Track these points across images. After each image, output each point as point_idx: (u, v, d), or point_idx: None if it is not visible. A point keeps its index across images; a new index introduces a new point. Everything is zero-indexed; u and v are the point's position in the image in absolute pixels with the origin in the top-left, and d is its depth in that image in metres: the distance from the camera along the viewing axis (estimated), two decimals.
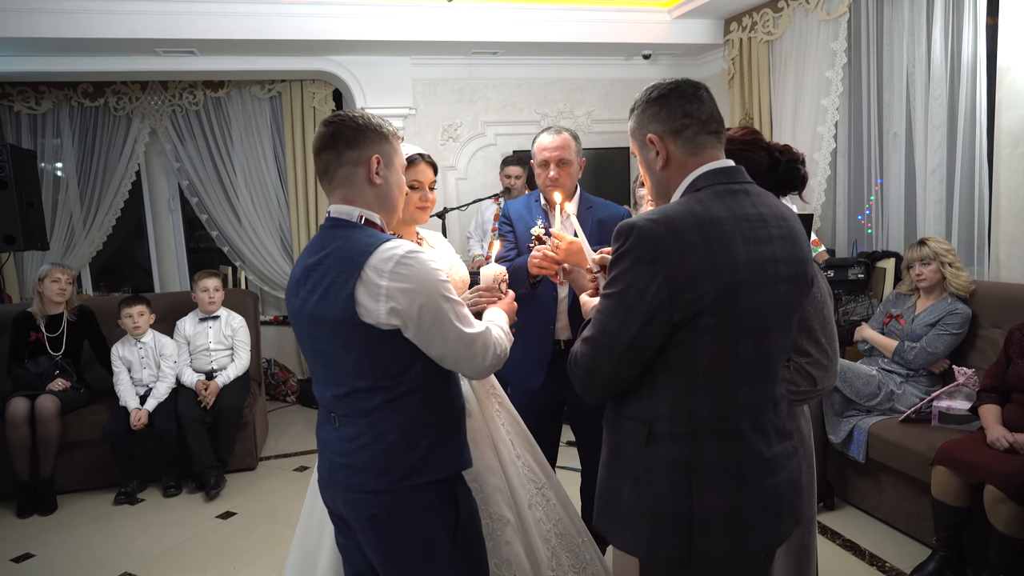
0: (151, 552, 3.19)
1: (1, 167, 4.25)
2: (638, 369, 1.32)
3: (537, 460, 2.19)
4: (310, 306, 1.51)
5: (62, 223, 5.31)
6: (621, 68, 5.69)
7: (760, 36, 4.79)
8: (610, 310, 1.30)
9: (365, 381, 1.49)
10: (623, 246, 1.28)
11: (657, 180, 1.43)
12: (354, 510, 1.55)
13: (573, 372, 1.39)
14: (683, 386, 1.30)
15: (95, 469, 3.87)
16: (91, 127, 5.32)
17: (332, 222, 1.56)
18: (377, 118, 1.60)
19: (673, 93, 1.39)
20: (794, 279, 1.37)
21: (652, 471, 1.33)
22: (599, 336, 1.32)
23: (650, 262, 1.25)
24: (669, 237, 1.25)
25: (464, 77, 5.45)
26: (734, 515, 1.32)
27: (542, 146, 2.45)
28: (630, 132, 1.47)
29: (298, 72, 5.23)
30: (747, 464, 1.34)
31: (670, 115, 1.38)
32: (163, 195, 5.76)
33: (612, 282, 1.31)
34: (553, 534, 2.10)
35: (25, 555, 3.22)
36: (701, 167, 1.37)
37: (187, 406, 3.87)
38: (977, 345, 3.18)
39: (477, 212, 4.98)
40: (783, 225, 1.37)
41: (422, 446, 1.51)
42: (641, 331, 1.27)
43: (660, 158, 1.39)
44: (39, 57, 4.62)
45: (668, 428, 1.32)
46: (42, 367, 3.91)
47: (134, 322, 3.96)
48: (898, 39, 3.97)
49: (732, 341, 1.30)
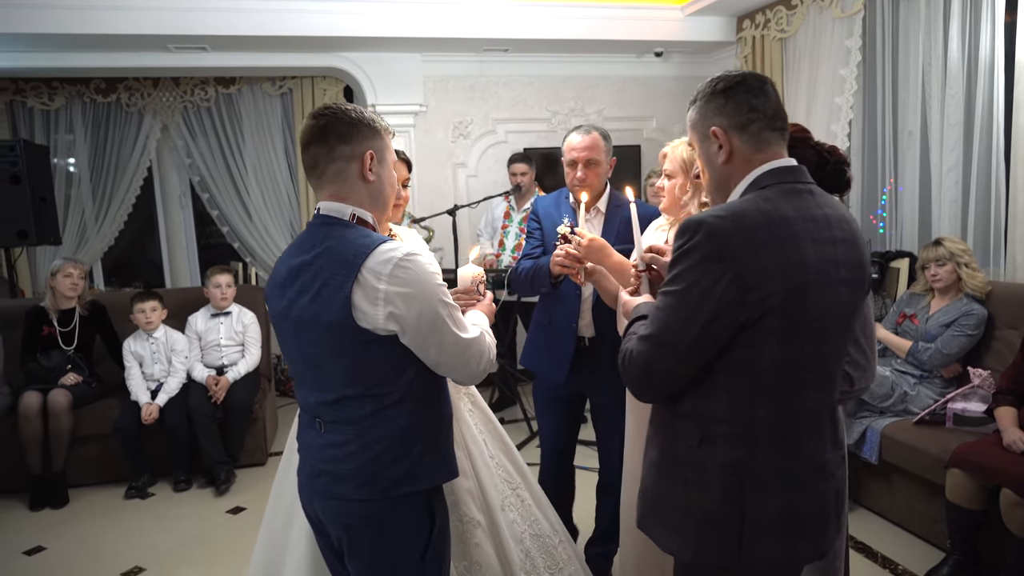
0: (161, 546, 3.20)
1: (14, 162, 4.28)
2: (697, 369, 1.29)
3: (512, 460, 2.17)
4: (299, 308, 1.45)
5: (74, 218, 5.33)
6: (633, 65, 5.67)
7: (773, 34, 4.75)
8: (672, 308, 1.27)
9: (355, 388, 1.44)
10: (689, 242, 1.25)
11: (717, 175, 1.39)
12: (330, 517, 1.51)
13: (627, 370, 1.35)
14: (744, 387, 1.28)
15: (106, 463, 3.89)
16: (103, 123, 5.34)
17: (323, 220, 1.49)
18: (370, 113, 1.54)
19: (740, 86, 1.35)
20: (855, 283, 1.35)
21: (704, 473, 1.30)
22: (659, 334, 1.29)
23: (718, 260, 1.22)
24: (738, 234, 1.22)
25: (475, 74, 5.44)
26: (788, 521, 1.30)
27: (571, 146, 2.46)
28: (690, 123, 1.43)
29: (309, 68, 5.24)
30: (804, 469, 1.31)
31: (736, 109, 1.34)
32: (174, 191, 5.78)
33: (675, 279, 1.27)
34: (528, 535, 2.08)
35: (37, 548, 3.24)
36: (765, 164, 1.33)
37: (198, 401, 3.89)
38: (993, 347, 3.14)
39: (487, 210, 4.97)
40: (846, 228, 1.35)
41: (411, 456, 1.47)
42: (705, 330, 1.24)
43: (723, 152, 1.35)
44: (52, 53, 4.64)
45: (724, 430, 1.29)
46: (54, 361, 3.93)
47: (146, 317, 3.98)
48: (914, 36, 3.93)
49: (797, 343, 1.27)
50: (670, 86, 5.80)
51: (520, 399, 4.54)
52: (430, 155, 5.44)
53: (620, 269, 2.06)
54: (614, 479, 2.32)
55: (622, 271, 2.06)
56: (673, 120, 5.79)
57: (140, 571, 3.00)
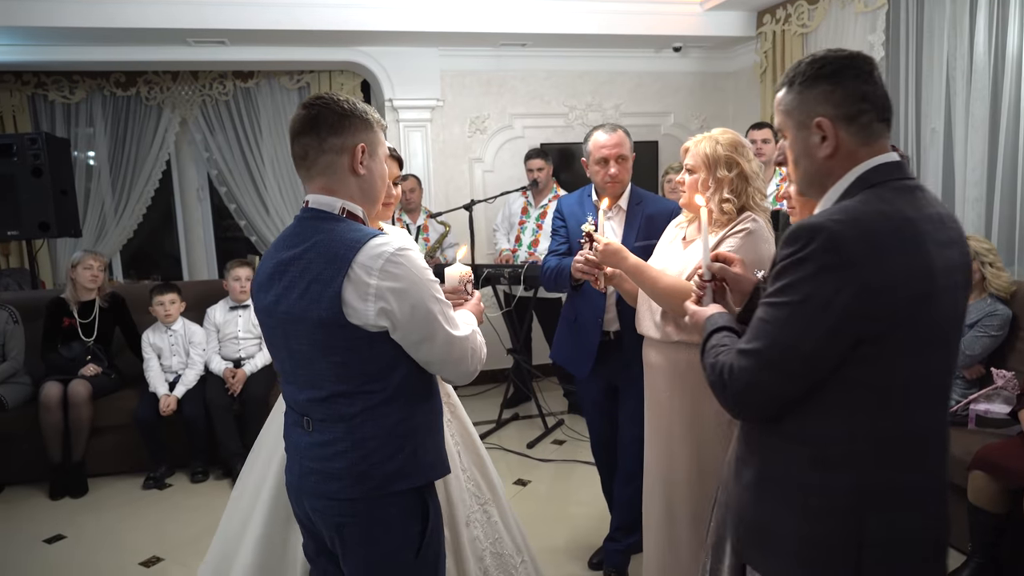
0: (179, 536, 3.22)
1: (36, 155, 4.32)
2: (808, 386, 1.17)
3: (484, 474, 2.11)
4: (287, 304, 1.42)
5: (94, 211, 5.38)
6: (651, 61, 5.63)
7: (794, 29, 4.70)
8: (783, 322, 1.15)
9: (346, 385, 1.41)
10: (804, 250, 1.12)
11: (815, 169, 1.25)
12: (321, 517, 1.49)
13: (727, 387, 1.23)
14: (861, 404, 1.16)
15: (125, 454, 3.93)
16: (123, 116, 5.38)
17: (311, 213, 1.45)
18: (363, 104, 1.50)
19: (849, 70, 1.20)
20: (966, 287, 1.26)
21: (816, 496, 1.19)
22: (767, 350, 1.17)
23: (839, 268, 1.10)
24: (861, 240, 1.10)
25: (492, 69, 5.42)
26: (911, 547, 1.19)
27: (599, 144, 2.50)
28: (785, 109, 1.27)
29: (327, 63, 5.25)
30: (926, 491, 1.21)
31: (845, 97, 1.20)
32: (192, 184, 5.81)
33: (785, 290, 1.15)
34: (488, 553, 2.03)
35: (57, 536, 3.27)
36: (872, 159, 1.20)
37: (215, 393, 3.91)
38: (1017, 347, 3.09)
39: (504, 205, 4.96)
40: (954, 228, 1.23)
41: (403, 454, 1.44)
42: (821, 346, 1.12)
43: (827, 146, 1.21)
44: (73, 47, 4.67)
45: (840, 449, 1.17)
46: (74, 352, 3.97)
47: (165, 310, 4.01)
48: (939, 32, 3.87)
49: (921, 356, 1.16)
50: (688, 81, 5.76)
51: (535, 395, 4.53)
52: (447, 150, 5.44)
53: (635, 271, 2.06)
54: (636, 470, 2.34)
55: (638, 273, 2.07)
56: (691, 116, 5.76)
57: (158, 561, 3.03)
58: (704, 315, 1.46)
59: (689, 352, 2.04)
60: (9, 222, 4.36)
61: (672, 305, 2.02)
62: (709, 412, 2.03)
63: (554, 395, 4.89)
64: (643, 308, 2.17)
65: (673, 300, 1.99)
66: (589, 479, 3.71)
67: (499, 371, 5.30)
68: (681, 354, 2.07)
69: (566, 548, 2.98)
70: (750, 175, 2.01)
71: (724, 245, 1.97)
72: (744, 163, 2.00)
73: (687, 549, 2.09)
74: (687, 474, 2.07)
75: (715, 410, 2.02)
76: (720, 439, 2.02)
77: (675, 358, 2.09)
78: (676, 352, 2.08)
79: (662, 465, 2.15)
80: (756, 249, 1.95)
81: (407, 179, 4.88)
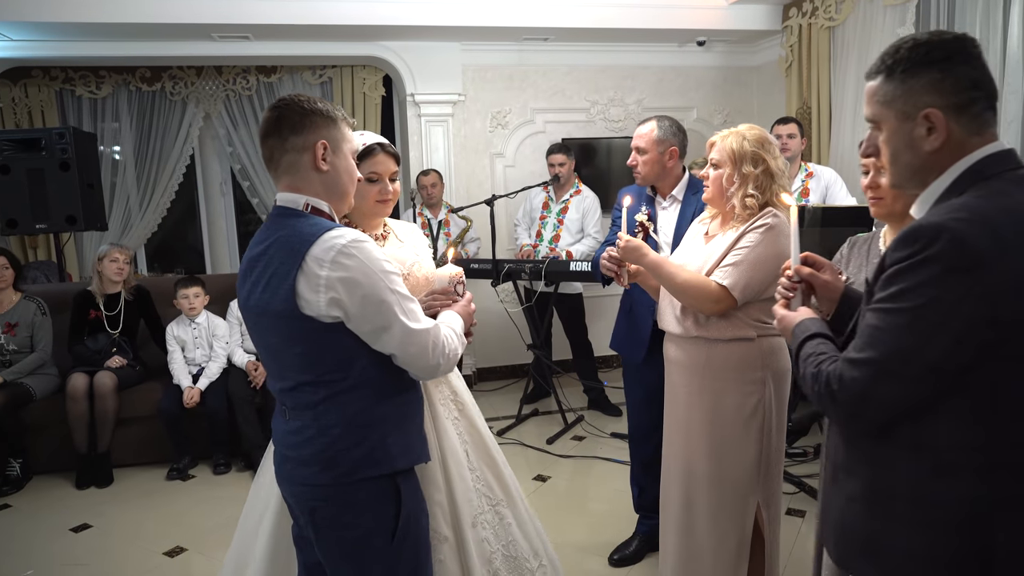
0: (201, 527, 3.26)
1: (64, 149, 4.38)
2: (931, 394, 1.10)
3: (496, 474, 2.04)
4: (255, 298, 1.47)
5: (119, 205, 5.45)
6: (674, 55, 5.58)
7: (821, 22, 4.63)
8: (901, 329, 1.08)
9: (309, 375, 1.46)
10: (924, 252, 1.05)
11: (920, 162, 1.16)
12: (297, 502, 1.54)
13: (835, 399, 1.16)
14: (990, 410, 1.08)
15: (148, 445, 3.98)
16: (148, 111, 5.44)
17: (278, 211, 1.51)
18: (325, 102, 1.53)
19: (958, 55, 1.12)
20: None
21: (936, 510, 1.12)
22: (883, 359, 1.10)
23: (966, 271, 1.03)
24: (988, 239, 1.03)
25: (514, 63, 5.41)
26: None
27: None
28: (883, 100, 1.17)
29: (349, 58, 5.26)
30: None
31: (955, 85, 1.11)
32: (216, 179, 5.86)
33: (903, 295, 1.07)
34: (499, 556, 1.96)
35: (83, 525, 3.33)
36: (982, 149, 1.12)
37: (237, 386, 3.95)
38: None
39: (526, 200, 4.94)
40: None
41: (369, 441, 1.47)
42: (947, 352, 1.05)
43: (935, 138, 1.12)
44: (100, 42, 4.74)
45: (964, 459, 1.10)
46: (100, 344, 4.03)
47: (190, 303, 4.05)
48: (971, 25, 3.78)
49: None
50: (711, 76, 5.70)
51: (555, 391, 4.52)
52: (468, 145, 5.43)
53: (654, 267, 2.06)
54: None
55: (656, 268, 2.06)
56: (714, 110, 5.70)
57: (181, 551, 3.06)
58: (793, 321, 1.38)
59: (708, 348, 2.03)
60: (38, 215, 4.43)
61: (690, 300, 2.01)
62: (727, 407, 2.02)
63: (574, 391, 4.88)
64: (664, 303, 2.17)
65: (690, 295, 2.00)
66: (609, 475, 3.71)
67: (519, 366, 5.30)
68: (700, 349, 2.06)
69: (585, 544, 2.97)
70: (776, 172, 1.99)
71: (744, 240, 1.96)
72: (770, 160, 1.98)
73: (705, 541, 2.09)
74: (705, 468, 2.06)
75: (733, 405, 2.02)
76: (738, 434, 2.02)
77: (694, 353, 2.08)
78: (695, 347, 2.07)
79: (680, 459, 2.15)
80: (776, 244, 1.93)
81: (428, 174, 4.88)
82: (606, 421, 4.53)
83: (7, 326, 3.91)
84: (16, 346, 3.91)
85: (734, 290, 1.93)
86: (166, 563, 2.97)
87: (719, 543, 2.07)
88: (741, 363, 2.01)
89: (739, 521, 2.05)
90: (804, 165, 4.10)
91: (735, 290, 1.93)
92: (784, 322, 1.41)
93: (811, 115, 4.79)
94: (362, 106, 5.47)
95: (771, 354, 2.02)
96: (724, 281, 1.94)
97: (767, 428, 2.01)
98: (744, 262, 1.93)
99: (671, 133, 2.58)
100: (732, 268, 1.94)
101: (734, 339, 2.00)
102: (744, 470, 2.02)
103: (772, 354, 2.02)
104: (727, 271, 1.95)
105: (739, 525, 2.05)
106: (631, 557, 2.83)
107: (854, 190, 4.25)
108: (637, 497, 2.88)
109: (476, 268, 4.40)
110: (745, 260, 1.93)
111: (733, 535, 2.05)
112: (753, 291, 1.95)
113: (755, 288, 1.95)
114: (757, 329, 2.00)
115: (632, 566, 2.82)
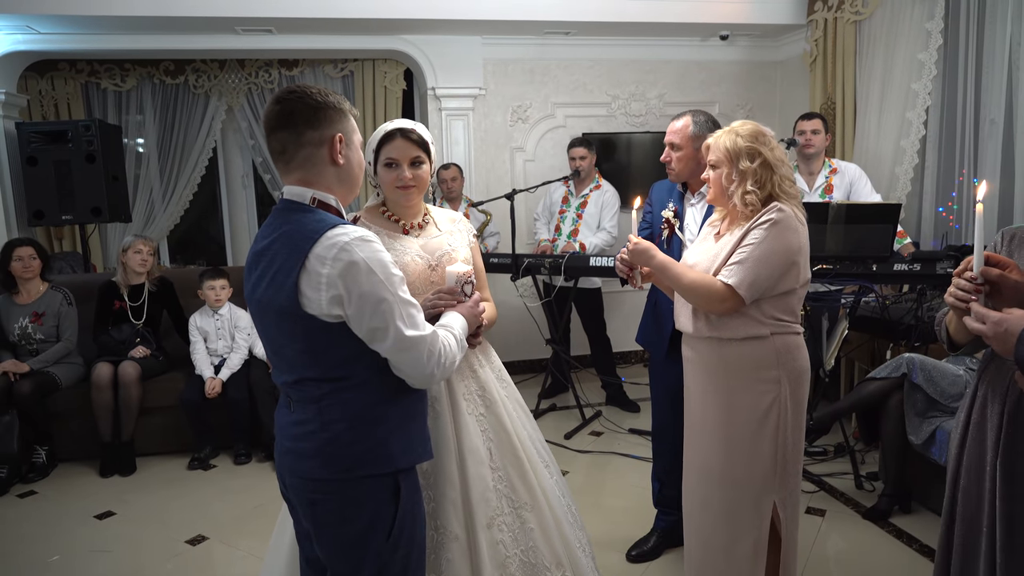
0: (223, 516, 3.30)
1: (90, 142, 4.44)
2: None
3: (522, 476, 1.94)
4: (259, 292, 1.46)
5: (143, 197, 5.50)
6: (697, 49, 5.53)
7: (847, 16, 4.57)
8: None
9: (313, 371, 1.45)
10: None
11: None
12: (296, 494, 1.54)
13: None
14: None
15: (171, 434, 4.03)
16: (171, 104, 5.48)
17: (284, 204, 1.49)
18: (333, 93, 1.51)
19: None
20: None
21: None
22: None
23: None
24: None
25: (535, 57, 5.39)
26: None
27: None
28: None
29: (371, 51, 5.27)
30: None
31: None
32: (238, 172, 5.90)
33: None
34: (516, 562, 1.86)
35: (107, 512, 3.38)
36: None
37: (259, 377, 3.99)
38: None
39: (545, 194, 4.93)
40: None
41: (372, 438, 1.46)
42: None
43: None
44: (125, 35, 4.78)
45: None
46: (124, 334, 4.08)
47: (216, 295, 4.09)
48: (1001, 17, 3.72)
49: None
50: (734, 70, 5.64)
51: (573, 386, 4.52)
52: (488, 139, 5.43)
53: (662, 268, 2.04)
54: None
55: (663, 270, 2.04)
56: (736, 105, 5.64)
57: (203, 539, 3.10)
58: (976, 324, 1.27)
59: (721, 348, 2.02)
60: (64, 207, 4.49)
61: (697, 300, 2.00)
62: (741, 406, 2.00)
63: (592, 386, 4.87)
64: (679, 303, 2.16)
65: (697, 296, 1.98)
66: (626, 471, 3.70)
67: (537, 361, 5.30)
68: (713, 349, 2.04)
69: (603, 540, 2.97)
70: (774, 163, 1.96)
71: (749, 237, 1.93)
72: (767, 151, 1.95)
73: (721, 541, 2.08)
74: (720, 467, 2.05)
75: (747, 405, 2.01)
76: (752, 434, 2.00)
77: (707, 353, 2.06)
78: (708, 347, 2.06)
79: (698, 458, 2.14)
80: (782, 238, 1.91)
81: (448, 168, 4.89)
82: (624, 417, 4.52)
83: (34, 315, 3.97)
84: (43, 335, 3.97)
85: (740, 288, 1.90)
86: (188, 551, 3.01)
87: (735, 543, 2.05)
88: (755, 362, 1.99)
89: (755, 521, 2.03)
90: (828, 161, 4.05)
91: (741, 288, 1.90)
92: (1004, 324, 1.24)
93: (835, 110, 4.73)
94: (383, 100, 5.48)
95: (786, 352, 1.99)
96: (729, 280, 1.92)
97: (783, 427, 1.99)
98: (749, 259, 1.91)
99: (707, 128, 2.54)
100: (737, 266, 1.92)
101: (747, 338, 1.98)
102: (759, 470, 2.01)
103: (787, 352, 1.99)
104: (732, 269, 1.93)
105: (755, 525, 2.03)
106: (649, 553, 2.83)
107: (879, 186, 4.20)
108: (657, 492, 2.88)
109: (496, 262, 4.41)
110: (750, 257, 1.91)
111: (749, 535, 2.04)
112: (761, 288, 1.92)
113: (763, 284, 1.92)
114: (771, 327, 1.97)
115: (650, 562, 2.82)
